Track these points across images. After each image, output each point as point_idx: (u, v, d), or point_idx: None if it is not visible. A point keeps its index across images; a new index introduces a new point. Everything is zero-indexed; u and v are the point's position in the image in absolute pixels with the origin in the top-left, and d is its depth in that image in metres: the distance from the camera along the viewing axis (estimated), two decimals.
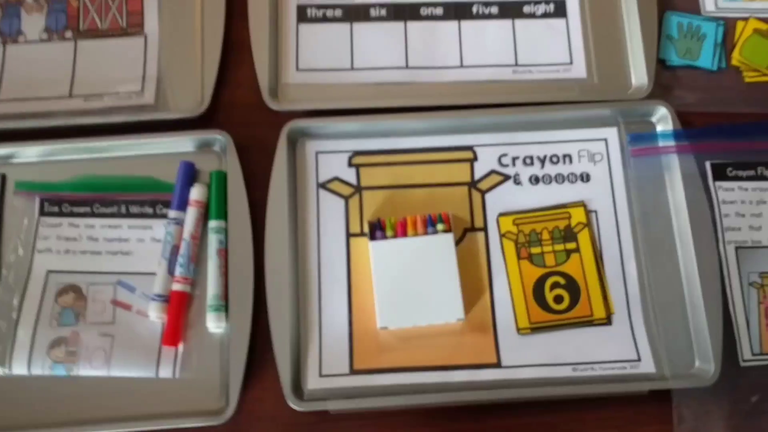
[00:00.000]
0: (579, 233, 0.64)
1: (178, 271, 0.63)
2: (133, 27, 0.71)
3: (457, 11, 0.71)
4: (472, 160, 0.67)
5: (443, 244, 0.62)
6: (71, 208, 0.65)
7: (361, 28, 0.71)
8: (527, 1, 0.71)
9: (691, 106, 0.68)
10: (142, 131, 0.66)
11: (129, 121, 0.67)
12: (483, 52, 0.70)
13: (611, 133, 0.67)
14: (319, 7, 0.71)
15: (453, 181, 0.66)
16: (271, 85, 0.68)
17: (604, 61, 0.70)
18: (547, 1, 0.71)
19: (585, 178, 0.66)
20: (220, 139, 0.66)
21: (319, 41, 0.70)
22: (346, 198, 0.66)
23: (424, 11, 0.71)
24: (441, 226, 0.63)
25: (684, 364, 0.61)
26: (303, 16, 0.71)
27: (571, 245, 0.64)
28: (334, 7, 0.71)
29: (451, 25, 0.71)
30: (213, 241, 0.64)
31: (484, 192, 0.66)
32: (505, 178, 0.66)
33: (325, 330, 0.62)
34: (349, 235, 0.65)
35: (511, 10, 0.71)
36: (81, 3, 0.71)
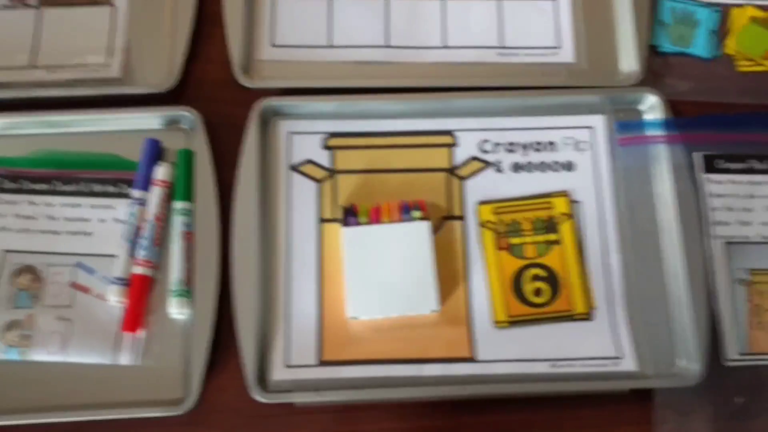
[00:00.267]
0: (561, 224, 0.62)
1: (141, 253, 0.60)
2: None
3: None
4: (452, 146, 0.64)
5: (419, 233, 0.59)
6: (30, 185, 0.62)
7: (340, 3, 0.67)
8: None
9: (683, 95, 0.65)
10: (107, 106, 0.63)
11: (93, 94, 0.64)
12: (467, 32, 0.67)
13: (598, 121, 0.64)
14: None
15: (431, 166, 0.63)
16: (243, 61, 0.65)
17: (593, 46, 0.67)
18: None
19: (569, 166, 0.63)
20: (188, 116, 0.63)
21: (296, 16, 0.67)
22: (319, 182, 0.63)
23: None
24: (417, 214, 0.60)
25: (667, 363, 0.58)
26: None
27: (552, 236, 0.61)
28: None
29: (434, 4, 0.68)
30: (178, 223, 0.61)
31: (463, 179, 0.63)
32: (486, 165, 0.63)
33: (293, 319, 0.59)
34: (321, 220, 0.62)
35: None
36: None
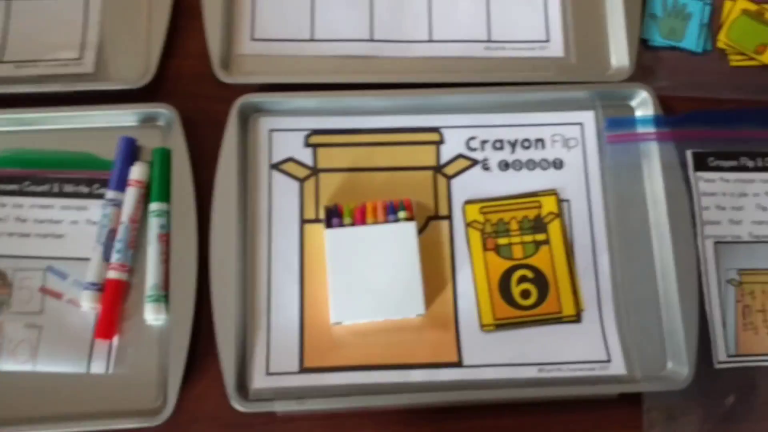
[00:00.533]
0: (549, 224, 0.60)
1: (115, 257, 0.57)
2: None
3: None
4: (438, 143, 0.62)
5: (404, 234, 0.57)
6: None
7: None
8: None
9: (673, 90, 0.64)
10: (80, 102, 0.61)
11: (65, 90, 0.61)
12: (454, 25, 0.65)
13: (587, 117, 0.63)
14: None
15: (417, 164, 0.62)
16: (222, 56, 0.62)
17: (582, 40, 0.65)
18: None
19: (558, 164, 0.62)
20: (165, 113, 0.61)
21: (277, 9, 0.65)
22: (301, 180, 0.61)
23: None
24: (403, 214, 0.58)
25: (656, 366, 0.57)
26: None
27: (540, 236, 0.60)
28: None
29: None
30: (154, 225, 0.58)
31: (450, 177, 0.61)
32: (473, 162, 0.62)
33: (274, 324, 0.57)
34: (303, 221, 0.60)
35: None
36: None
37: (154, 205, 0.59)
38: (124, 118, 0.61)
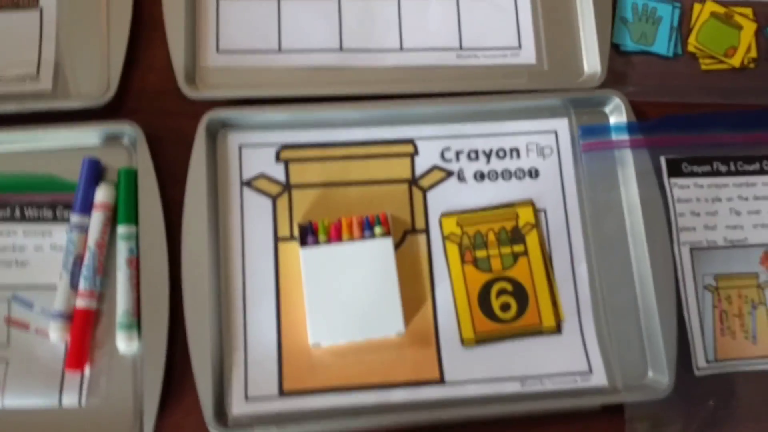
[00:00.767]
0: (527, 234, 0.60)
1: (83, 284, 0.55)
2: None
3: None
4: (413, 155, 0.61)
5: (381, 250, 0.56)
6: None
7: (289, 4, 0.63)
8: None
9: (646, 95, 0.63)
10: (39, 122, 0.58)
11: (23, 110, 0.58)
12: (425, 33, 0.64)
13: (562, 125, 0.62)
14: None
15: (392, 177, 0.60)
16: (187, 69, 0.60)
17: (554, 45, 0.64)
18: None
19: (534, 173, 0.61)
20: (129, 131, 0.58)
21: (242, 18, 0.62)
22: (274, 197, 0.59)
23: None
24: (379, 230, 0.57)
25: (636, 374, 0.57)
26: None
27: (518, 247, 0.59)
28: None
29: (390, 3, 0.64)
30: (122, 249, 0.56)
31: (425, 190, 0.60)
32: (448, 174, 0.61)
33: (251, 347, 0.56)
34: (278, 239, 0.58)
35: None
36: None
37: (122, 228, 0.57)
38: (86, 137, 0.59)
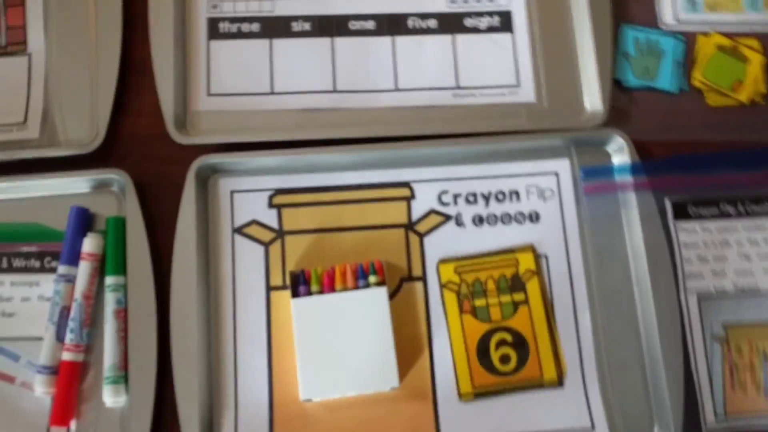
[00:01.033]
0: (528, 282, 0.57)
1: (69, 337, 0.54)
2: (14, 45, 0.61)
3: (391, 25, 0.63)
4: (409, 198, 0.59)
5: (376, 300, 0.55)
6: None
7: (282, 45, 0.62)
8: (469, 13, 0.63)
9: (650, 134, 0.61)
10: (26, 170, 0.57)
11: (9, 159, 0.57)
12: (420, 72, 0.62)
13: (563, 166, 0.60)
14: (233, 20, 0.62)
15: (388, 222, 0.59)
16: (177, 114, 0.59)
17: (554, 83, 0.62)
18: (491, 14, 0.63)
19: (534, 217, 0.59)
20: (117, 178, 0.57)
21: (233, 61, 0.61)
22: (266, 244, 0.58)
23: (353, 25, 0.62)
24: (373, 279, 0.55)
25: (642, 431, 0.55)
26: (214, 31, 0.62)
27: (519, 296, 0.57)
28: (251, 20, 0.62)
29: (384, 42, 0.62)
30: (110, 301, 0.55)
31: (422, 235, 0.59)
32: (446, 218, 0.59)
33: (242, 401, 0.54)
34: (270, 288, 0.57)
35: (451, 23, 0.63)
36: None
37: (110, 279, 0.55)
38: (74, 184, 0.58)
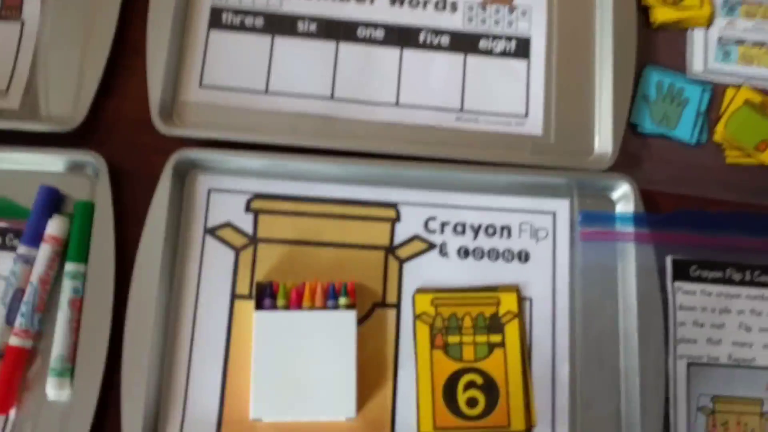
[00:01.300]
0: (507, 324, 0.54)
1: (19, 321, 0.51)
2: (8, 9, 0.59)
3: (401, 37, 0.59)
4: (394, 221, 0.56)
5: (343, 324, 0.51)
6: None
7: (284, 43, 0.59)
8: (485, 35, 0.60)
9: (660, 185, 0.58)
10: (2, 140, 0.55)
11: None
12: (425, 90, 0.59)
13: (562, 207, 0.57)
14: (237, 12, 0.59)
15: (368, 243, 0.55)
16: (164, 102, 0.56)
17: (565, 118, 0.59)
18: (508, 38, 0.60)
19: (524, 257, 0.56)
20: (92, 161, 0.55)
21: (231, 53, 0.58)
22: (238, 250, 0.55)
23: (361, 32, 0.59)
24: (344, 300, 0.52)
25: None
26: (216, 20, 0.59)
27: (495, 337, 0.54)
28: (256, 14, 0.59)
29: (391, 53, 0.59)
30: (67, 288, 0.52)
31: (403, 260, 0.55)
32: (430, 246, 0.56)
33: (190, 413, 0.51)
34: (235, 296, 0.54)
35: (464, 43, 0.60)
36: None
37: (70, 266, 0.53)
38: (48, 162, 0.55)
